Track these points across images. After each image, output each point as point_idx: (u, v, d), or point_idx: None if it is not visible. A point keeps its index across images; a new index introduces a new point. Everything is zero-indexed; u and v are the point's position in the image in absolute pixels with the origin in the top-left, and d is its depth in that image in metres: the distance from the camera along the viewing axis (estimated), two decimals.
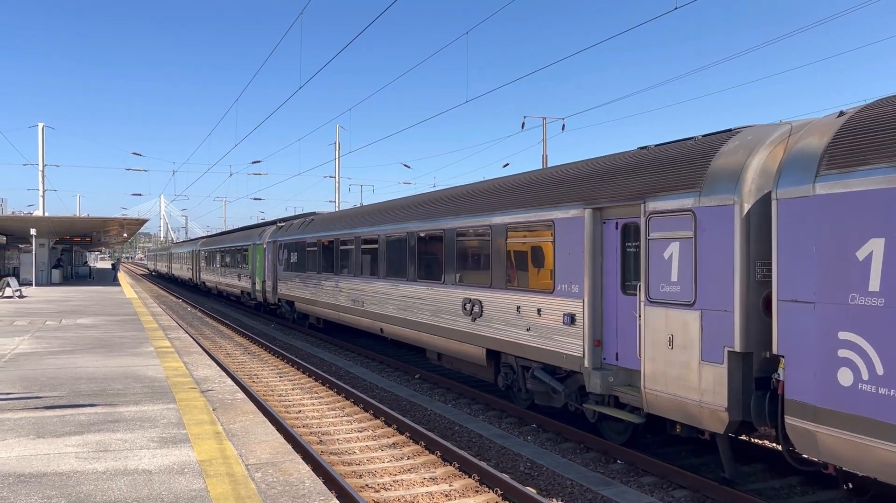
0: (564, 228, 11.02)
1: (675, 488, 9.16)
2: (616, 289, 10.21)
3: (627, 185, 9.93)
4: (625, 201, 9.82)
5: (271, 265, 30.39)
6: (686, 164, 9.14)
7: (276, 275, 29.47)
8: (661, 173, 9.45)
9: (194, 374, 11.99)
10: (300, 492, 6.01)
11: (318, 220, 26.07)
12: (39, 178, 48.13)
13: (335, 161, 49.25)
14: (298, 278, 26.18)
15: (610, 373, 10.15)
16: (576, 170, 11.67)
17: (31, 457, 6.98)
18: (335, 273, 22.08)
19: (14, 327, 19.05)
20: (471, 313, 13.68)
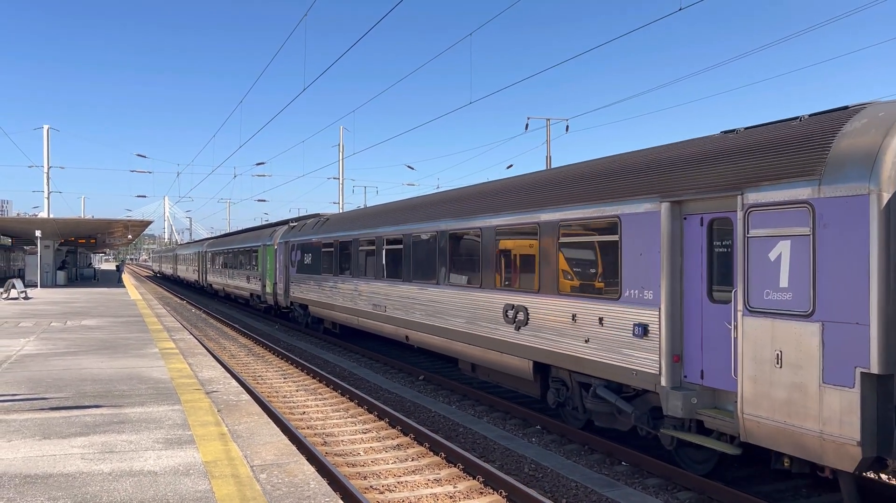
0: (634, 226, 9.67)
1: (679, 490, 9.15)
2: (700, 295, 8.79)
3: (718, 174, 8.52)
4: (714, 193, 8.45)
5: (283, 267, 29.11)
6: (797, 146, 7.76)
7: (289, 277, 28.18)
8: (765, 159, 8.03)
9: (199, 376, 12.01)
10: (305, 494, 6.02)
11: (334, 219, 24.66)
12: (44, 180, 48.29)
13: (339, 163, 49.33)
14: (313, 281, 24.85)
15: (693, 394, 8.71)
16: (645, 158, 10.20)
17: (38, 458, 7.01)
18: (354, 275, 20.72)
19: (19, 328, 19.11)
20: (514, 321, 12.34)
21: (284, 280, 28.97)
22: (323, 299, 23.77)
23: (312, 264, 25.03)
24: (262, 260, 33.00)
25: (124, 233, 51.54)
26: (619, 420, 10.43)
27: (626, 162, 10.65)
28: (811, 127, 7.90)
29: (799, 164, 7.59)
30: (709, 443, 8.65)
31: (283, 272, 29.27)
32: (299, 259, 26.81)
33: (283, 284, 29.12)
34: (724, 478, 9.45)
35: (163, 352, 14.77)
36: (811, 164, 7.46)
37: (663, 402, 9.01)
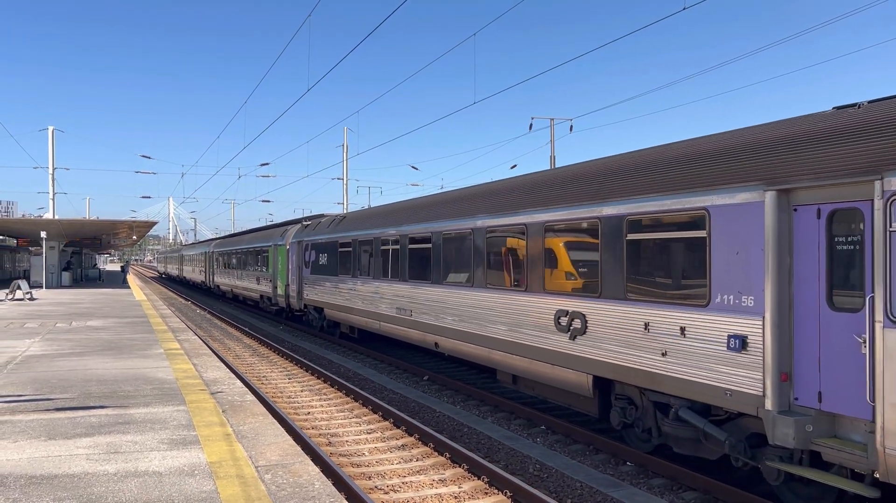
0: (727, 219, 8.30)
1: (685, 490, 9.13)
2: (817, 302, 7.45)
3: (844, 156, 7.17)
4: (838, 178, 7.11)
5: (296, 268, 27.74)
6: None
7: (302, 278, 26.79)
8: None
9: (204, 376, 12.02)
10: (310, 494, 6.02)
11: (352, 217, 23.11)
12: (49, 181, 48.41)
13: (343, 163, 49.36)
14: (329, 282, 23.28)
15: (807, 420, 7.37)
16: (741, 139, 8.75)
17: (43, 458, 7.02)
18: (375, 277, 19.21)
19: (25, 329, 19.16)
20: (568, 329, 11.01)
21: (298, 281, 27.54)
22: (340, 302, 22.27)
23: (328, 265, 23.44)
24: (273, 260, 31.68)
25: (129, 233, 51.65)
26: (705, 447, 9.09)
27: (714, 144, 9.08)
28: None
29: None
30: (841, 482, 7.22)
31: (296, 273, 27.86)
32: (314, 259, 25.22)
33: (297, 286, 27.58)
34: (730, 478, 9.42)
35: (168, 352, 14.79)
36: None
37: (768, 429, 7.69)
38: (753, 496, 8.33)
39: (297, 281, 27.70)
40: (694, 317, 8.72)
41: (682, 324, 8.88)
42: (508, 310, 12.77)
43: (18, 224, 44.32)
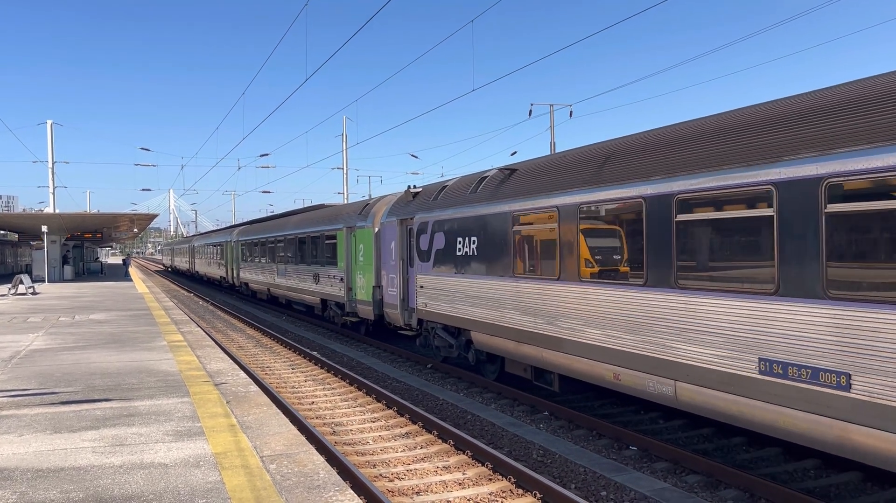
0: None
1: (688, 473, 9.17)
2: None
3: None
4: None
5: (396, 259, 18.27)
6: None
7: (411, 277, 17.53)
8: None
9: (207, 368, 12.06)
10: (315, 483, 6.05)
11: (526, 170, 13.17)
12: (49, 175, 48.40)
13: (343, 152, 49.26)
14: (476, 289, 13.92)
15: None
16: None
17: (49, 452, 7.06)
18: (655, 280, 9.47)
19: (28, 324, 19.21)
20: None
21: (401, 281, 18.14)
22: (526, 323, 12.28)
23: (485, 254, 13.67)
24: (347, 250, 22.74)
25: (130, 226, 51.66)
26: None
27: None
28: None
29: None
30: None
31: (396, 268, 18.33)
32: (442, 246, 15.51)
33: (401, 288, 18.14)
34: (732, 460, 9.47)
35: (171, 344, 14.84)
36: None
37: None
38: (756, 478, 8.37)
39: (400, 280, 18.20)
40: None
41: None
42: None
43: (19, 219, 44.36)
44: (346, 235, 22.73)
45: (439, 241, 15.69)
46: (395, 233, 18.39)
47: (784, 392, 7.48)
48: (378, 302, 19.81)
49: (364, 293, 21.01)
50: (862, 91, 7.20)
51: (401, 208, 18.37)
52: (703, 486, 8.70)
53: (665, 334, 9.19)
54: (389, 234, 18.83)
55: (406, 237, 17.89)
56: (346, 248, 22.66)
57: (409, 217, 17.56)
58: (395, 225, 18.37)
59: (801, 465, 9.27)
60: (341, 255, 23.15)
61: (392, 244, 18.59)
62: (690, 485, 8.72)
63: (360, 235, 21.58)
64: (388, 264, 18.97)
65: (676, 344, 9.00)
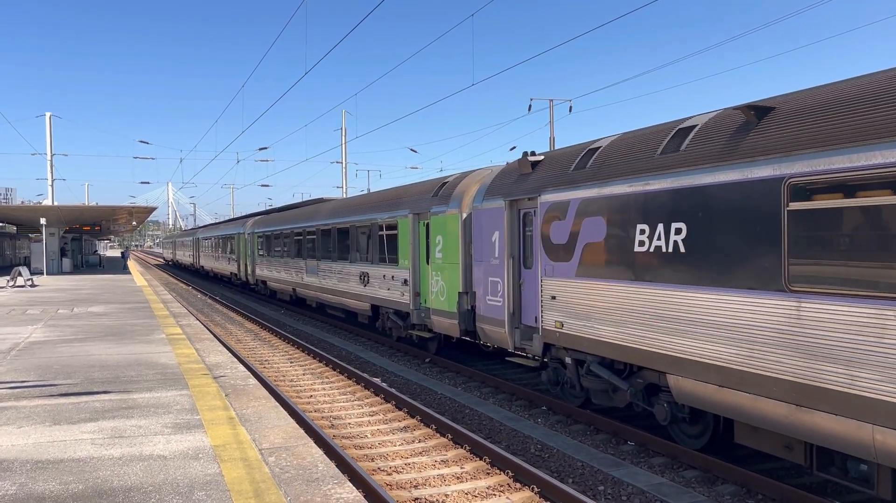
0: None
1: (685, 468, 9.21)
2: None
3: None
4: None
5: (500, 257, 13.35)
6: None
7: (528, 280, 12.74)
8: None
9: (206, 361, 12.08)
10: (313, 476, 6.08)
11: (807, 104, 7.81)
12: (48, 168, 48.35)
13: (342, 146, 49.22)
14: (682, 307, 8.96)
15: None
16: None
17: (48, 443, 7.08)
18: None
19: (27, 316, 19.21)
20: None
21: (510, 287, 13.20)
22: (814, 376, 7.29)
23: (713, 252, 8.56)
24: (415, 242, 17.45)
25: (128, 219, 51.63)
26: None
27: None
28: None
29: None
30: None
31: (502, 267, 13.34)
32: (603, 237, 10.53)
33: (510, 297, 13.17)
34: (728, 456, 9.49)
35: (170, 337, 14.85)
36: None
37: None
38: (752, 473, 8.40)
39: (504, 286, 13.20)
40: None
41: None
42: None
43: (18, 211, 44.32)
44: (414, 224, 17.38)
45: (592, 229, 10.56)
46: (500, 219, 13.25)
47: None
48: (466, 313, 14.72)
49: (443, 301, 15.81)
50: None
51: (509, 185, 13.15)
52: (700, 481, 8.74)
53: None
54: (489, 221, 13.70)
55: (519, 226, 12.96)
56: (412, 240, 17.37)
57: (525, 197, 12.44)
58: (501, 209, 13.17)
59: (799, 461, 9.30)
60: (405, 251, 17.80)
61: (494, 235, 13.51)
62: (687, 480, 8.76)
63: (436, 224, 16.26)
64: (485, 263, 13.85)
65: None
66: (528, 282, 12.72)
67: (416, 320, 17.31)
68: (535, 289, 12.28)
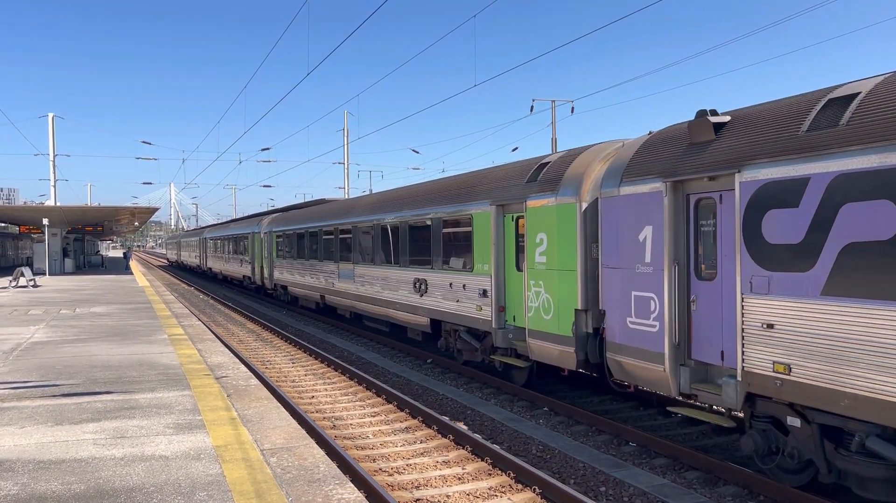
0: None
1: (687, 469, 9.20)
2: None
3: None
4: None
5: (656, 262, 9.62)
6: None
7: (702, 296, 9.19)
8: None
9: (208, 361, 12.09)
10: (315, 477, 6.08)
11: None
12: (50, 168, 48.43)
13: (344, 147, 49.25)
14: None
15: None
16: None
17: (50, 443, 7.09)
18: None
19: (29, 316, 19.24)
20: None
21: (672, 306, 9.48)
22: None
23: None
24: (498, 242, 13.93)
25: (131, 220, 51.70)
26: None
27: None
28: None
29: None
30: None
31: (657, 278, 9.66)
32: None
33: (672, 320, 9.45)
34: (732, 457, 9.49)
35: (172, 338, 14.86)
36: None
37: None
38: (753, 473, 8.39)
39: (661, 304, 9.59)
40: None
41: None
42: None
43: (20, 211, 44.40)
44: (497, 219, 13.69)
45: (864, 222, 6.99)
46: (655, 209, 9.61)
47: None
48: (588, 338, 11.35)
49: (548, 320, 12.12)
50: None
51: (672, 160, 9.45)
52: (702, 483, 8.73)
53: None
54: (632, 212, 10.08)
55: (689, 218, 9.33)
56: (494, 239, 13.73)
57: (704, 176, 8.80)
58: (657, 194, 9.56)
59: None
60: (482, 253, 14.13)
61: (643, 232, 9.89)
62: (689, 482, 8.75)
63: (535, 218, 12.41)
64: (624, 271, 10.23)
65: None
66: (707, 299, 9.00)
67: (500, 342, 13.51)
68: (720, 311, 8.76)
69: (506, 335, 13.49)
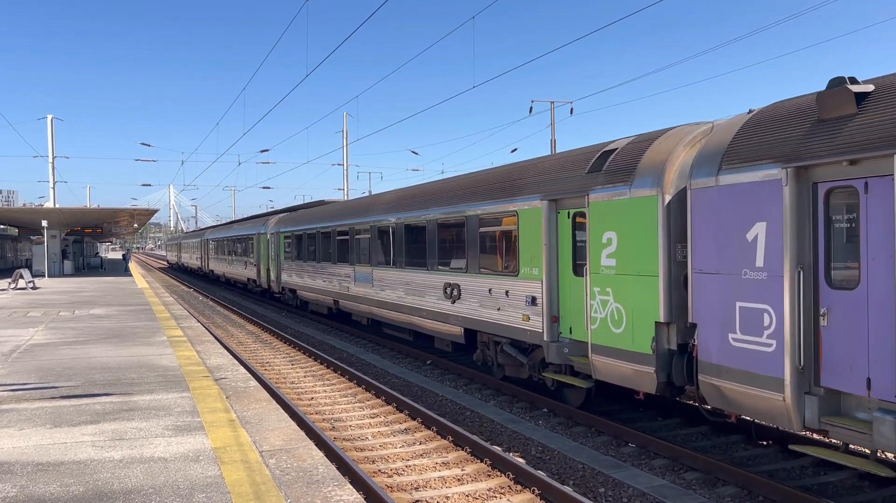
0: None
1: (686, 470, 9.20)
2: None
3: None
4: None
5: (785, 263, 7.83)
6: None
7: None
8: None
9: (207, 363, 12.08)
10: (314, 478, 6.08)
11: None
12: (49, 170, 48.42)
13: (343, 149, 49.26)
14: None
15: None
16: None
17: (49, 445, 7.08)
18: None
19: (28, 318, 19.23)
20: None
21: (795, 324, 7.81)
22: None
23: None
24: (550, 242, 12.20)
25: (130, 221, 51.67)
26: None
27: None
28: None
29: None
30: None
31: (785, 285, 7.86)
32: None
33: (790, 338, 7.82)
34: (730, 457, 9.49)
35: (171, 339, 14.86)
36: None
37: None
38: (753, 475, 8.39)
39: (791, 320, 7.82)
40: None
41: None
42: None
43: (19, 213, 44.37)
44: (549, 215, 12.02)
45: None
46: (771, 202, 8.05)
47: None
48: (672, 357, 9.74)
49: (618, 333, 10.38)
50: None
51: (793, 141, 7.95)
52: (701, 483, 8.73)
53: None
54: (736, 205, 8.50)
55: (817, 213, 7.73)
56: (546, 239, 12.01)
57: (843, 159, 7.31)
58: (772, 183, 8.01)
59: (799, 463, 9.30)
60: (531, 254, 12.41)
61: (753, 230, 8.30)
62: (688, 482, 8.75)
63: (601, 213, 10.78)
64: (726, 276, 8.62)
65: None
66: (843, 313, 7.40)
67: (554, 357, 11.78)
68: (864, 328, 7.18)
69: (560, 349, 11.71)
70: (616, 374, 10.44)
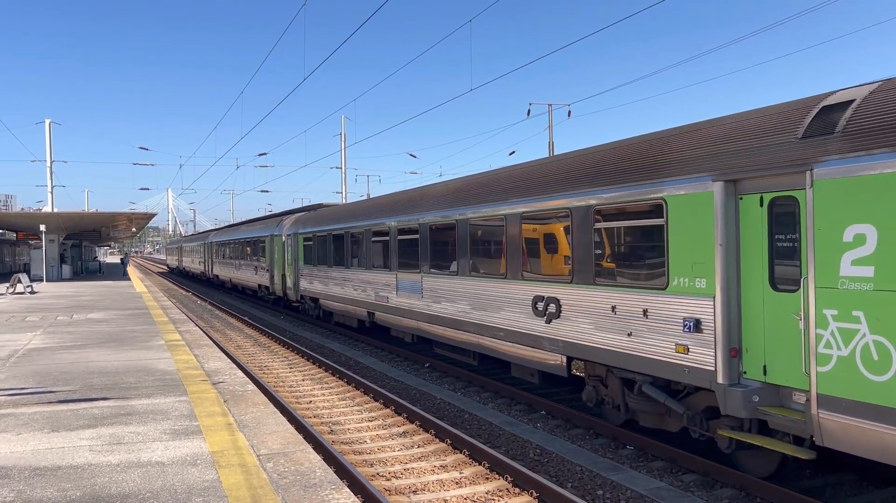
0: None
1: (684, 472, 9.20)
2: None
3: None
4: None
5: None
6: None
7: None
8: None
9: (205, 367, 12.08)
10: (312, 482, 6.08)
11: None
12: (47, 174, 48.38)
13: (341, 152, 49.27)
14: None
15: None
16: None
17: (46, 450, 7.07)
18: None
19: (26, 323, 19.21)
20: None
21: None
22: None
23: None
24: (743, 241, 8.39)
25: (128, 225, 51.64)
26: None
27: None
28: None
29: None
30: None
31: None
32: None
33: None
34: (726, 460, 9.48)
35: (169, 343, 14.85)
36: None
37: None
38: (751, 477, 8.40)
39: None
40: None
41: None
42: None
43: (17, 218, 44.34)
44: (725, 203, 8.52)
45: None
46: None
47: None
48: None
49: (882, 383, 6.80)
50: None
51: None
52: (699, 485, 8.73)
53: None
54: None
55: None
56: (721, 237, 8.48)
57: None
58: None
59: (799, 464, 9.30)
60: (691, 258, 8.91)
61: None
62: (686, 484, 8.76)
63: (838, 199, 7.22)
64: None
65: None
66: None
67: (737, 408, 8.23)
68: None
69: (747, 398, 8.14)
70: (873, 445, 6.86)
